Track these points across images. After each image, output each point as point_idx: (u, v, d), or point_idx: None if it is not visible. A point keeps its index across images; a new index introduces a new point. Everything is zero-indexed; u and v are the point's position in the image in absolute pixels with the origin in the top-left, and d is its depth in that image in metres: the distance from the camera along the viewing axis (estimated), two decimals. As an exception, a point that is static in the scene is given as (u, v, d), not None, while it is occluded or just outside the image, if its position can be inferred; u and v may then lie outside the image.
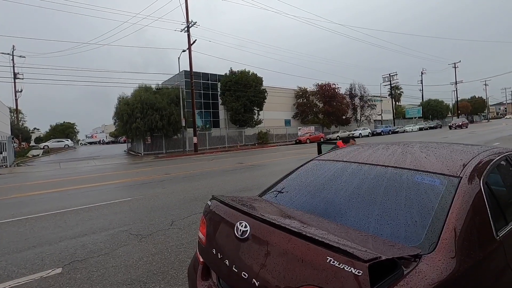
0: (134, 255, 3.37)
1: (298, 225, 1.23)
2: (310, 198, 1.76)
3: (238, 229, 1.33)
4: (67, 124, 67.02)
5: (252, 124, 32.22)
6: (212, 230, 1.57)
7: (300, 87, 40.47)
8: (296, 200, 1.80)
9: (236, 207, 1.44)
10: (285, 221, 1.26)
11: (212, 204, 1.74)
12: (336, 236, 1.16)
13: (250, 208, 1.47)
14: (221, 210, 1.57)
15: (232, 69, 31.98)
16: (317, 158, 2.40)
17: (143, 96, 23.89)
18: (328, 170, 2.01)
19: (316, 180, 1.95)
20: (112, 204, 6.09)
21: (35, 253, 3.59)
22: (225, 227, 1.46)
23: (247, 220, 1.32)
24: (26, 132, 47.08)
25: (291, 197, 1.86)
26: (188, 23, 24.06)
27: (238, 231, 1.32)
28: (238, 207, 1.43)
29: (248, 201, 1.77)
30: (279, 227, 1.18)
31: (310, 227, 1.24)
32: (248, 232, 1.28)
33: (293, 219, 1.39)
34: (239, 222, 1.34)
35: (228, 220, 1.45)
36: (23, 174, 14.41)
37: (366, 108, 45.25)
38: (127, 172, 12.34)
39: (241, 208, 1.41)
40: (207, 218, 1.67)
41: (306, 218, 1.42)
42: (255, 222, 1.29)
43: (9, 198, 7.66)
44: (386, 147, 2.21)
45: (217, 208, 1.61)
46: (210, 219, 1.63)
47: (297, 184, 2.04)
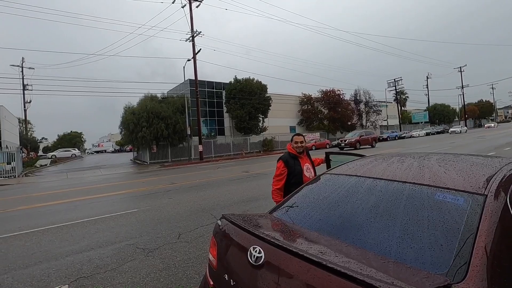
0: (141, 271, 3.30)
1: (316, 250, 1.16)
2: (325, 216, 1.68)
3: (251, 254, 1.26)
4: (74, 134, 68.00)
5: (257, 132, 32.23)
6: (223, 252, 1.49)
7: (305, 94, 40.51)
8: (310, 218, 1.72)
9: (248, 229, 1.37)
10: (302, 247, 1.18)
11: (222, 223, 1.67)
12: (358, 263, 1.08)
13: (263, 230, 1.40)
14: (232, 231, 1.50)
15: (236, 77, 32.19)
16: (329, 171, 2.33)
17: (149, 105, 24.11)
18: (342, 186, 1.93)
19: (330, 197, 1.87)
20: (119, 216, 6.05)
21: (41, 269, 3.55)
22: (237, 251, 1.39)
23: (261, 245, 1.25)
24: (34, 142, 47.79)
25: (305, 216, 1.78)
26: (193, 33, 24.38)
27: (252, 257, 1.25)
28: (251, 230, 1.36)
29: (260, 220, 1.70)
30: (296, 254, 1.10)
31: (329, 253, 1.16)
32: (263, 258, 1.21)
33: (310, 243, 1.31)
34: (253, 247, 1.27)
35: (240, 243, 1.38)
36: (30, 185, 14.52)
37: (372, 113, 45.01)
38: (133, 182, 12.34)
39: (253, 231, 1.34)
40: (218, 239, 1.60)
41: (323, 241, 1.34)
42: (269, 247, 1.22)
43: (17, 210, 7.68)
44: (401, 160, 2.13)
45: (228, 229, 1.55)
46: (220, 241, 1.57)
47: (310, 200, 1.96)
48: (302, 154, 3.25)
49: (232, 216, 1.66)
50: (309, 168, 3.25)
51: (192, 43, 24.54)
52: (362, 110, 44.62)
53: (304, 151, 3.29)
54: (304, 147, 3.27)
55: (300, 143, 3.22)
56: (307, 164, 3.26)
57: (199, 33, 24.51)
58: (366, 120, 44.94)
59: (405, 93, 65.48)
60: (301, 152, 3.24)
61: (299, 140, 3.23)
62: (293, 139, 3.29)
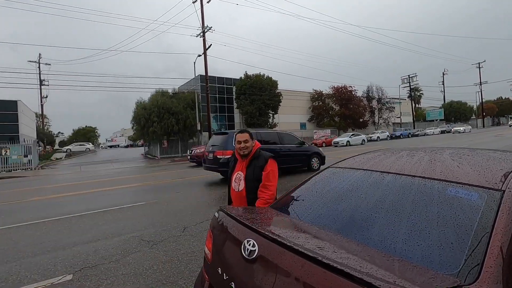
0: (145, 263, 3.29)
1: (314, 245, 1.08)
2: (326, 211, 1.59)
3: (245, 247, 1.19)
4: (88, 129, 69.60)
5: (267, 128, 32.13)
6: (218, 246, 1.43)
7: (316, 90, 40.03)
8: (311, 213, 1.64)
9: (243, 222, 1.31)
10: (298, 241, 1.11)
11: (219, 216, 1.61)
12: (358, 260, 0.99)
13: (259, 223, 1.33)
14: (228, 224, 1.43)
15: (247, 73, 32.09)
16: (334, 165, 2.23)
17: (160, 101, 24.36)
18: (347, 179, 1.84)
19: (334, 191, 1.78)
20: (126, 208, 6.11)
21: (48, 258, 3.60)
22: (232, 244, 1.33)
23: (255, 238, 1.18)
24: (51, 136, 49.14)
25: (306, 209, 1.70)
26: (204, 28, 24.35)
27: (245, 250, 1.18)
28: (246, 222, 1.29)
29: (258, 213, 1.63)
30: (291, 249, 1.03)
31: (327, 248, 1.08)
32: (256, 252, 1.14)
33: (308, 238, 1.23)
34: (247, 240, 1.20)
35: (235, 236, 1.31)
36: (45, 177, 14.94)
37: (384, 110, 44.09)
38: (143, 176, 12.50)
39: (248, 223, 1.27)
40: (214, 232, 1.54)
41: (323, 236, 1.26)
42: (263, 240, 1.15)
43: (30, 201, 7.89)
44: (411, 154, 2.01)
45: (224, 221, 1.48)
46: (216, 233, 1.51)
47: (313, 194, 1.87)
48: (247, 158, 2.42)
49: (229, 208, 1.60)
50: (241, 179, 2.40)
51: (203, 38, 24.54)
52: (374, 107, 43.74)
53: (250, 154, 2.42)
54: (250, 148, 2.41)
55: (244, 143, 2.38)
56: (240, 173, 2.42)
57: (210, 29, 24.45)
58: (379, 117, 44.05)
59: (420, 90, 63.78)
60: (246, 155, 2.41)
61: (242, 139, 2.39)
62: (235, 138, 2.46)
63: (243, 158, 2.45)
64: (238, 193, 2.43)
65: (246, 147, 2.39)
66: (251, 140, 2.42)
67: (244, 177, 2.39)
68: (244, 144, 2.39)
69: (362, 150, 2.99)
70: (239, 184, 2.41)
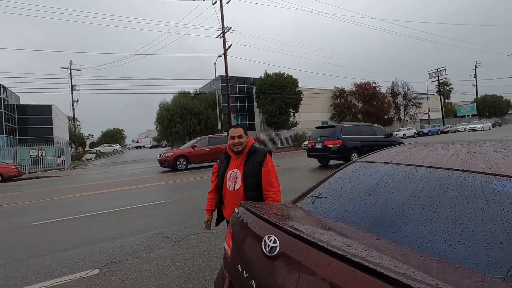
0: (167, 259, 3.33)
1: (341, 242, 0.99)
2: (353, 207, 1.49)
3: (266, 244, 1.12)
4: (116, 130, 72.69)
5: (287, 127, 31.85)
6: (238, 242, 1.38)
7: (337, 87, 39.15)
8: (336, 209, 1.54)
9: (264, 217, 1.24)
10: (324, 238, 1.02)
11: (239, 211, 1.56)
12: (392, 260, 0.89)
13: (281, 219, 1.26)
14: (248, 219, 1.37)
15: (267, 72, 31.98)
16: (360, 159, 2.10)
17: (182, 102, 24.92)
18: (375, 174, 1.71)
19: (360, 186, 1.67)
20: (151, 206, 6.25)
21: (77, 252, 3.74)
22: (252, 240, 1.26)
23: (277, 234, 1.11)
24: (82, 138, 51.90)
25: (330, 206, 1.60)
26: (223, 29, 24.56)
27: (266, 247, 1.11)
28: (266, 218, 1.22)
29: (280, 209, 1.55)
30: (316, 245, 0.94)
31: (356, 246, 0.98)
32: (278, 249, 1.07)
33: (334, 235, 1.14)
34: (268, 236, 1.14)
35: (255, 232, 1.25)
36: (77, 176, 15.74)
37: (411, 107, 42.19)
38: (166, 175, 12.79)
39: (269, 218, 1.20)
40: (234, 228, 1.49)
41: (350, 234, 1.16)
42: (285, 236, 1.07)
43: (63, 198, 8.32)
44: (446, 147, 1.84)
45: (245, 217, 1.42)
46: (236, 230, 1.45)
47: (337, 190, 1.77)
48: (241, 154, 2.25)
49: (249, 204, 1.54)
50: (237, 177, 2.21)
51: (223, 39, 24.76)
52: (400, 103, 42.01)
53: (245, 150, 2.25)
54: (245, 144, 2.24)
55: (238, 138, 2.20)
56: (236, 171, 2.23)
57: (230, 29, 24.62)
58: (405, 114, 42.26)
59: (449, 84, 60.43)
60: (240, 151, 2.23)
61: (235, 134, 2.21)
62: (228, 133, 2.29)
63: (237, 155, 2.26)
64: (233, 192, 2.20)
65: (240, 142, 2.22)
66: (245, 135, 2.27)
67: (242, 175, 2.19)
68: (238, 140, 2.21)
69: (390, 145, 2.82)
70: (234, 183, 2.21)
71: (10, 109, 31.88)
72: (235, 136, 2.22)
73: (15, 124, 32.82)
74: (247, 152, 2.26)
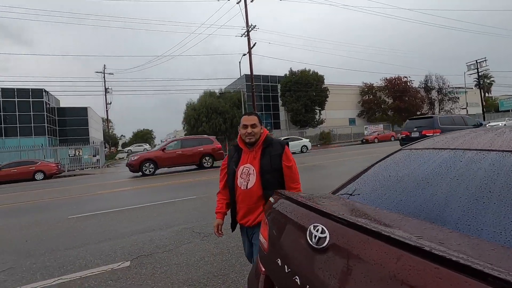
0: (196, 254, 3.27)
1: (408, 234, 0.81)
2: (408, 197, 1.28)
3: (311, 234, 0.96)
4: (146, 131, 75.69)
5: (313, 124, 31.23)
6: (276, 233, 1.23)
7: (366, 83, 37.71)
8: (387, 199, 1.34)
9: (307, 204, 1.08)
10: (385, 228, 0.84)
11: (274, 199, 1.41)
12: (483, 256, 0.70)
13: (326, 206, 1.09)
14: (287, 208, 1.22)
15: (291, 69, 31.58)
16: (407, 147, 1.87)
17: (208, 101, 25.30)
18: (430, 161, 1.49)
19: (414, 174, 1.45)
20: (179, 202, 6.31)
21: (109, 245, 3.81)
22: (293, 230, 1.11)
23: (325, 223, 0.95)
24: (115, 138, 54.64)
25: (380, 196, 1.40)
26: (248, 28, 24.55)
27: (312, 238, 0.95)
28: (311, 205, 1.06)
29: (321, 198, 1.38)
30: (378, 235, 0.77)
31: (429, 238, 0.80)
32: (327, 240, 0.90)
33: (394, 225, 0.96)
34: (313, 226, 0.98)
35: (297, 221, 1.09)
36: (110, 174, 16.50)
37: (446, 101, 39.60)
38: (193, 172, 12.98)
39: (314, 205, 1.04)
40: (270, 218, 1.34)
41: (414, 225, 0.97)
42: (336, 226, 0.91)
43: (97, 194, 8.70)
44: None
45: (282, 205, 1.27)
46: (273, 219, 1.30)
47: (385, 179, 1.56)
48: (254, 147, 1.92)
49: (286, 192, 1.39)
50: (250, 173, 1.88)
51: (247, 37, 24.75)
52: (434, 98, 39.57)
53: (259, 142, 1.92)
54: (258, 135, 1.92)
55: (251, 127, 1.88)
56: (248, 166, 1.90)
57: (254, 27, 24.56)
58: (440, 109, 39.73)
59: (490, 76, 55.94)
60: (253, 143, 1.91)
61: (249, 123, 1.89)
62: (241, 121, 1.97)
63: (250, 148, 1.93)
64: (246, 192, 1.87)
65: (254, 133, 1.88)
66: (260, 125, 1.94)
67: (258, 170, 1.86)
68: (251, 130, 1.88)
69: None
70: (247, 180, 1.87)
71: (51, 111, 34.27)
72: (248, 125, 1.89)
73: (55, 126, 35.23)
74: (261, 144, 1.93)
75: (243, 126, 1.91)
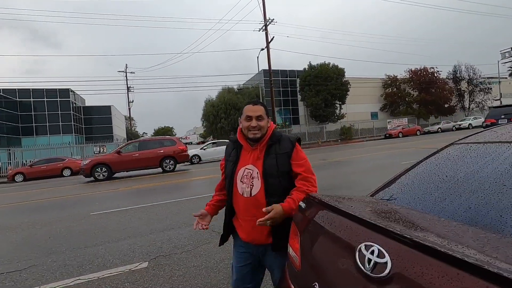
0: (215, 256, 3.11)
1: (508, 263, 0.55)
2: (476, 203, 1.01)
3: (363, 256, 0.73)
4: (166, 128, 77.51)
5: (333, 119, 30.41)
6: (311, 248, 1.00)
7: (389, 75, 36.15)
8: (449, 205, 1.07)
9: (351, 213, 0.84)
10: (482, 257, 0.59)
11: (306, 205, 1.18)
12: None
13: (377, 218, 0.85)
14: (324, 217, 0.99)
15: (311, 63, 30.83)
16: (462, 140, 1.57)
17: (226, 97, 25.28)
18: (498, 158, 1.19)
19: (479, 174, 1.16)
20: (197, 199, 6.21)
21: (128, 243, 3.74)
22: (335, 248, 0.88)
23: (383, 243, 0.71)
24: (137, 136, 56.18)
25: (436, 200, 1.13)
26: (266, 22, 24.15)
27: (365, 262, 0.72)
28: (357, 215, 0.82)
29: (363, 204, 1.13)
30: (475, 270, 0.53)
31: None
32: (389, 267, 0.67)
33: (486, 249, 0.70)
34: (365, 245, 0.74)
35: (339, 236, 0.86)
36: (132, 170, 16.87)
37: (477, 93, 37.19)
38: (212, 169, 12.96)
39: (364, 217, 0.80)
40: (301, 227, 1.11)
41: (496, 243, 0.71)
42: (401, 248, 0.67)
43: (118, 190, 8.83)
44: None
45: (317, 213, 1.04)
46: (305, 229, 1.08)
47: (439, 179, 1.28)
48: (259, 143, 1.56)
49: (321, 196, 1.15)
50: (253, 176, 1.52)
51: (265, 32, 24.37)
52: (463, 90, 37.28)
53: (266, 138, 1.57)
54: (265, 129, 1.57)
55: (256, 120, 1.53)
56: (251, 168, 1.54)
57: (272, 21, 24.12)
58: (470, 101, 37.41)
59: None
60: (258, 139, 1.55)
61: (254, 114, 1.54)
62: (243, 111, 1.61)
63: (253, 145, 1.57)
64: (250, 200, 1.51)
65: (260, 127, 1.53)
66: (267, 117, 1.59)
67: (262, 173, 1.50)
68: (257, 123, 1.52)
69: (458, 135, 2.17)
70: (250, 185, 1.52)
71: (77, 110, 35.70)
72: (253, 117, 1.52)
73: (81, 124, 36.69)
74: (267, 140, 1.56)
75: (246, 117, 1.55)
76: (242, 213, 1.56)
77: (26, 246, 4.05)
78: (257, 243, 1.55)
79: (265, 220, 1.37)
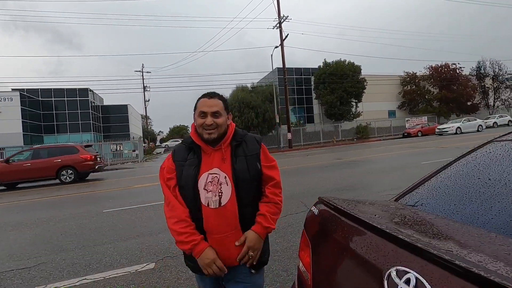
0: (224, 258, 2.97)
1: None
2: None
3: (395, 285, 0.56)
4: (181, 127, 78.55)
5: (349, 118, 29.70)
6: (323, 265, 0.83)
7: (407, 72, 34.93)
8: (495, 216, 0.87)
9: (379, 227, 0.66)
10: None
11: (319, 212, 1.01)
12: None
13: (409, 233, 0.67)
14: (341, 229, 0.81)
15: (326, 61, 30.22)
16: (504, 137, 1.35)
17: (240, 96, 25.15)
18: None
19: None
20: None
21: (137, 243, 3.67)
22: (354, 269, 0.71)
23: (422, 270, 0.53)
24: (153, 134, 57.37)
25: (479, 209, 0.93)
26: (280, 19, 23.87)
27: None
28: (386, 229, 0.65)
29: (388, 212, 0.95)
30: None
31: None
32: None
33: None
34: (396, 270, 0.57)
35: (362, 255, 0.69)
36: (147, 168, 17.11)
37: (503, 90, 35.33)
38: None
39: (395, 233, 0.62)
40: (313, 238, 0.95)
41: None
42: (451, 280, 0.49)
43: (132, 187, 8.90)
44: None
45: (333, 223, 0.87)
46: (319, 243, 0.91)
47: (479, 183, 1.08)
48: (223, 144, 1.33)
49: (336, 201, 0.97)
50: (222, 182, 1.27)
51: (280, 29, 24.09)
52: (488, 87, 35.51)
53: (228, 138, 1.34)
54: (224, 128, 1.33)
55: (212, 116, 1.29)
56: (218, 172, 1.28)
57: (286, 18, 23.81)
58: (495, 99, 35.59)
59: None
60: (214, 140, 1.30)
61: (209, 110, 1.29)
62: (196, 106, 1.34)
63: (214, 145, 1.32)
64: (220, 212, 1.25)
65: (216, 125, 1.28)
66: (226, 113, 1.34)
67: (231, 177, 1.27)
68: (212, 120, 1.27)
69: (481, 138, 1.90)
70: (219, 194, 1.26)
71: (96, 109, 36.70)
72: (208, 113, 1.28)
73: (100, 123, 37.70)
74: (230, 141, 1.34)
75: (200, 113, 1.29)
76: (212, 227, 1.25)
77: (38, 243, 4.07)
78: (229, 263, 1.26)
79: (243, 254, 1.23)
